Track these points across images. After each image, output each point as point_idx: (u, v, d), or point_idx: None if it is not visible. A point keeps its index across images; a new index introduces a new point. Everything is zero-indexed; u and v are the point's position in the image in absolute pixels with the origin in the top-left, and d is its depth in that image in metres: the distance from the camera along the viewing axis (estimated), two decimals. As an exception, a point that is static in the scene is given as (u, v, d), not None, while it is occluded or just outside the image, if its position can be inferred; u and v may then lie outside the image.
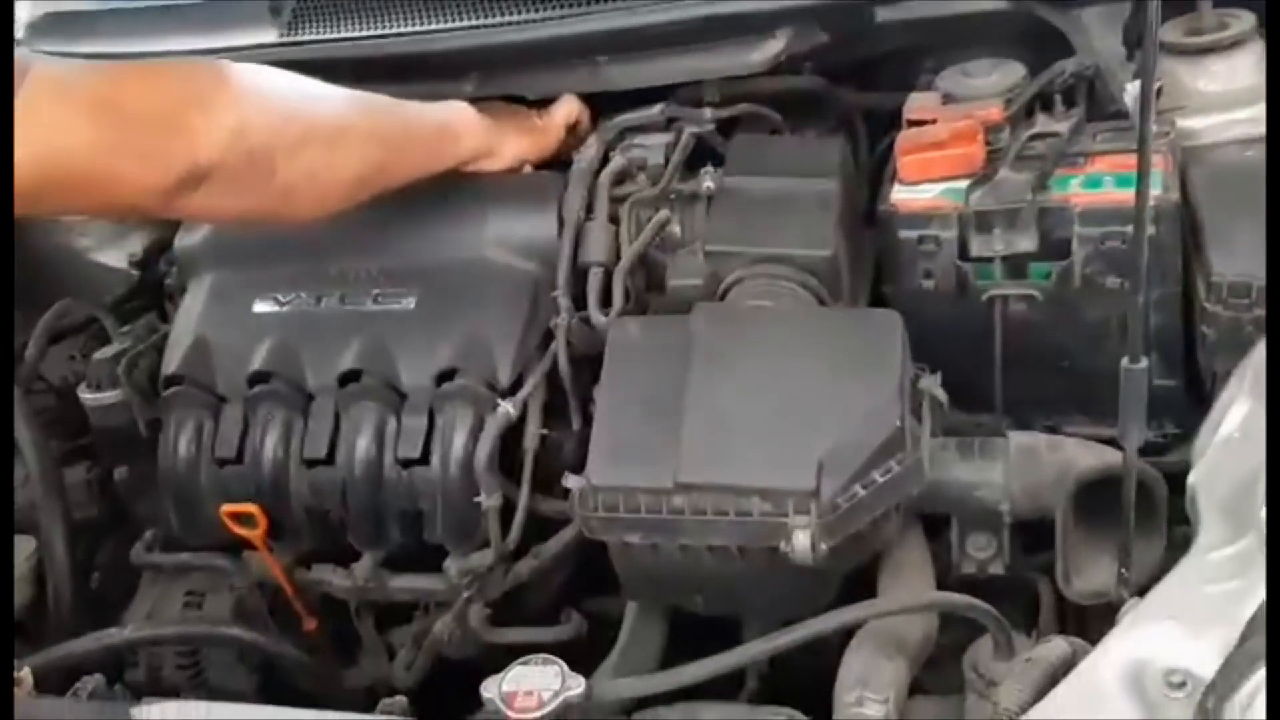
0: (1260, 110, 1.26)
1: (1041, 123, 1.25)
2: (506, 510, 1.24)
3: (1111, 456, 1.11)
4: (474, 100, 1.37)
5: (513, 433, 1.24)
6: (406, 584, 1.32)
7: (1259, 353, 1.07)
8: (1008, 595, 1.21)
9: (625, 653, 1.25)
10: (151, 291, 1.54)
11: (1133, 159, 1.16)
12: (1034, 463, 1.13)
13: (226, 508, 1.26)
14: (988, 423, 1.27)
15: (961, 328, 1.23)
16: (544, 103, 1.40)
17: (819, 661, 1.12)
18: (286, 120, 1.14)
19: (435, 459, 1.23)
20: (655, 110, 1.34)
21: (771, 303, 1.17)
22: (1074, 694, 0.90)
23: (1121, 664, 0.91)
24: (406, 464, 1.24)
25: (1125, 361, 0.91)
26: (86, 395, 1.38)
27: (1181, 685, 0.88)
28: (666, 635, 1.27)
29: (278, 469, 1.27)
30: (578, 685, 0.99)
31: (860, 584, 1.19)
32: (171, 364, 1.32)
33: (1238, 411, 1.04)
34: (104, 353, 1.39)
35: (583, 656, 1.29)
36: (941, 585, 1.20)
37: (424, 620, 1.36)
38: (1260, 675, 0.82)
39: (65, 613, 1.33)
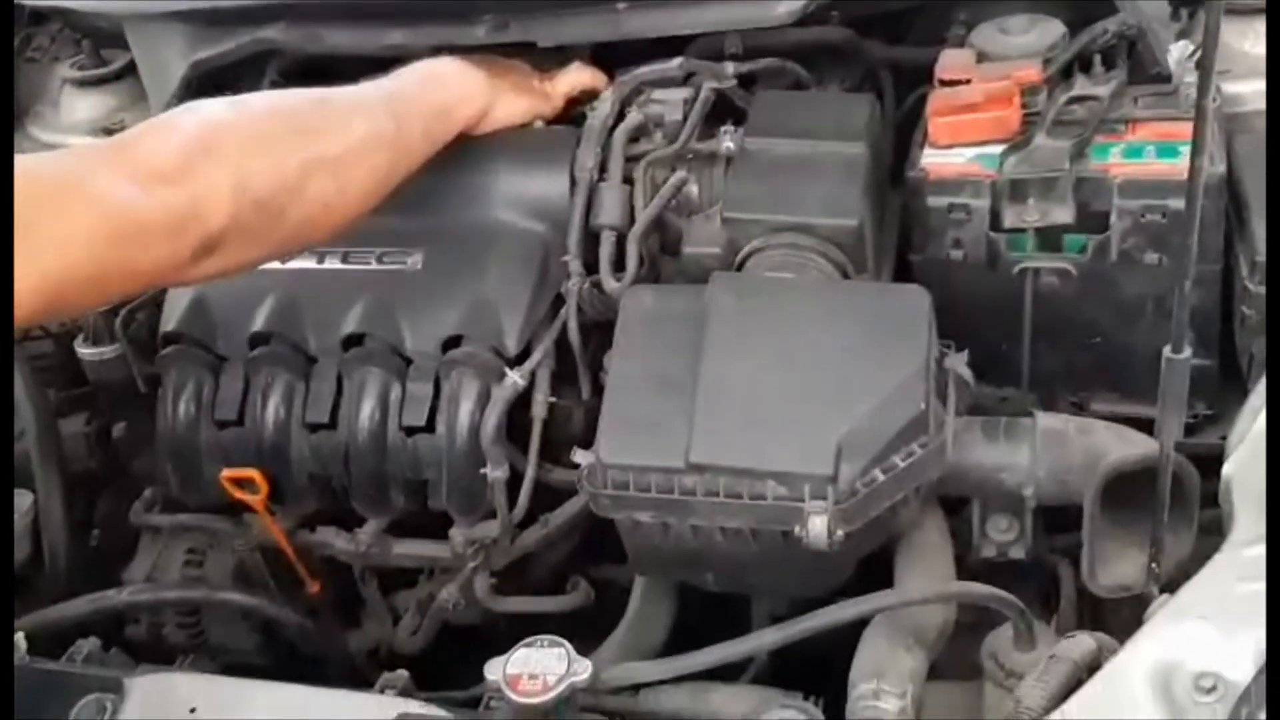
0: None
1: (1080, 85, 1.19)
2: (514, 479, 1.21)
3: (1143, 446, 1.07)
4: (484, 49, 1.31)
5: (521, 400, 1.20)
6: (411, 550, 1.29)
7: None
8: (1027, 577, 1.18)
9: (632, 628, 1.23)
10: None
11: (1176, 127, 1.12)
12: (1062, 447, 1.09)
13: (227, 473, 1.23)
14: (1013, 397, 1.23)
15: (990, 300, 1.18)
16: (558, 56, 1.33)
17: (829, 637, 1.09)
18: (284, 159, 1.06)
19: (441, 428, 1.19)
20: (674, 64, 1.27)
21: (792, 274, 1.12)
22: (1100, 696, 0.88)
23: (1150, 665, 0.88)
24: (411, 431, 1.20)
25: (1168, 350, 0.86)
26: (83, 350, 1.34)
27: (1212, 690, 0.85)
28: (675, 611, 1.24)
29: (279, 433, 1.24)
30: (583, 670, 0.96)
31: (877, 564, 1.16)
32: (170, 321, 1.28)
33: (1278, 399, 0.99)
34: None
35: (590, 624, 1.28)
36: (960, 565, 1.17)
37: (429, 585, 1.33)
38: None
39: (62, 570, 1.30)
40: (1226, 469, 0.99)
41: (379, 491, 1.24)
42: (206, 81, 1.36)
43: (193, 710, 0.97)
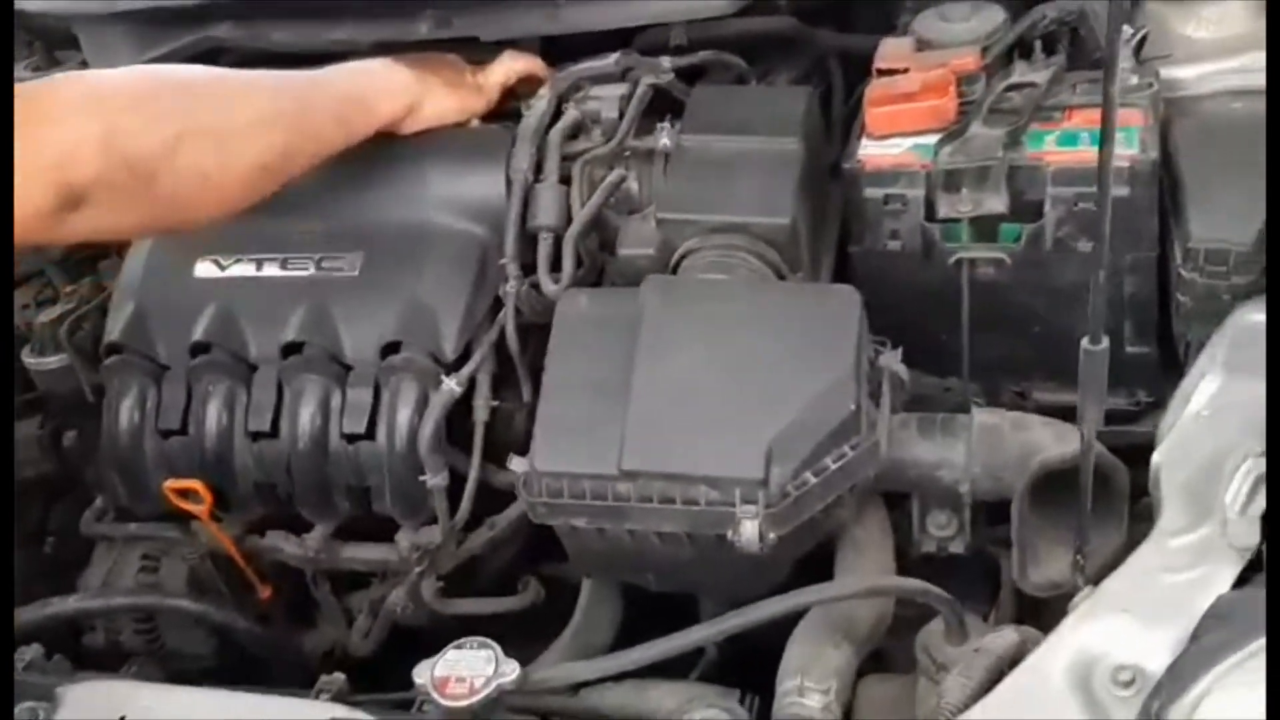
0: (1252, 59, 1.18)
1: (1020, 72, 1.18)
2: (457, 483, 1.21)
3: (1075, 442, 1.06)
4: (427, 44, 1.31)
5: (463, 403, 1.20)
6: (359, 554, 1.29)
7: (1233, 324, 1.02)
8: (970, 571, 1.17)
9: (579, 628, 1.23)
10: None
11: (1112, 113, 1.10)
12: (997, 443, 1.08)
13: (170, 483, 1.22)
14: (955, 387, 1.22)
15: (929, 290, 1.17)
16: (497, 50, 1.32)
17: (779, 632, 1.09)
18: (161, 120, 1.05)
19: (381, 434, 1.19)
20: (610, 60, 1.26)
21: (725, 276, 1.11)
22: (1018, 691, 0.88)
23: (1070, 659, 0.88)
24: (352, 439, 1.20)
25: (1085, 342, 0.85)
26: (29, 360, 1.35)
27: (1130, 683, 0.86)
28: (622, 610, 1.24)
29: (222, 441, 1.23)
30: (511, 671, 0.96)
31: (819, 561, 1.15)
32: (113, 331, 1.27)
33: (1208, 387, 0.99)
34: (48, 314, 1.35)
35: (545, 622, 1.28)
36: (903, 560, 1.16)
37: (381, 588, 1.33)
38: (1211, 676, 0.78)
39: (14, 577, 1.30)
40: (1155, 458, 0.98)
41: (323, 498, 1.24)
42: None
43: (122, 718, 0.97)
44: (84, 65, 1.49)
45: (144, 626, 1.34)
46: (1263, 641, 0.78)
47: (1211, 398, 0.99)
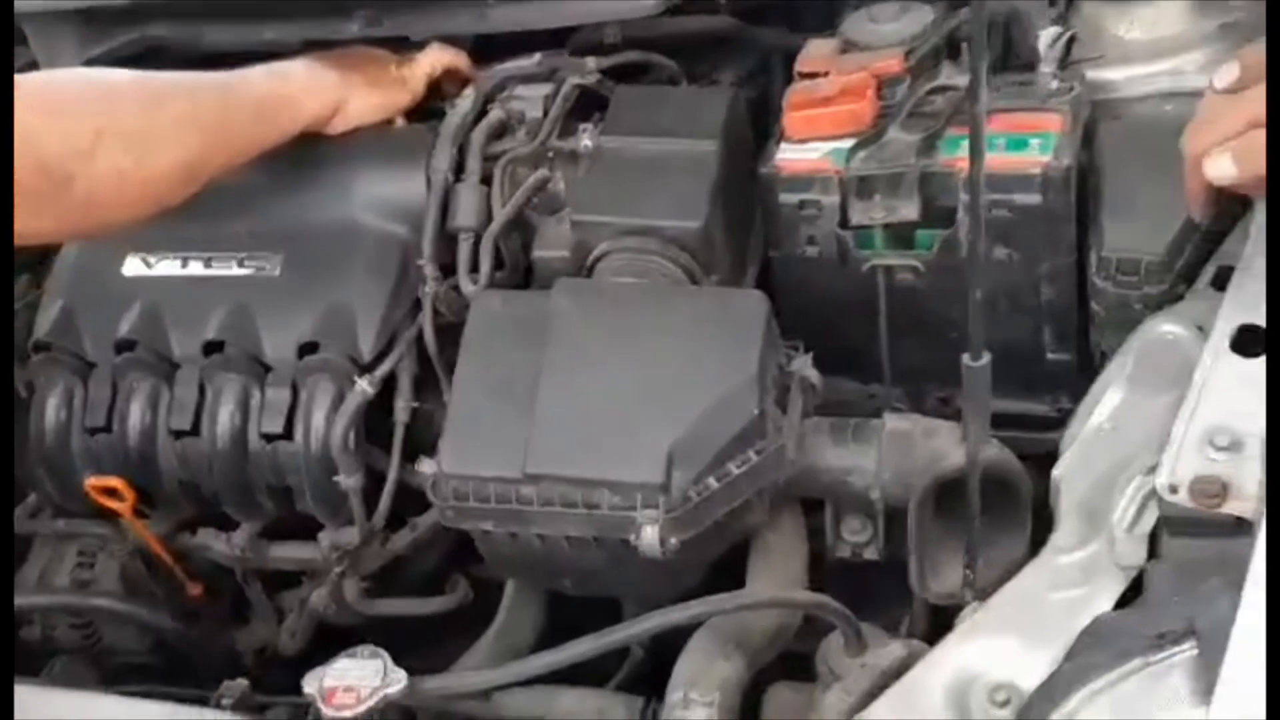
0: (1184, 61, 1.16)
1: (946, 74, 1.17)
2: (379, 483, 1.20)
3: (989, 450, 1.05)
4: (359, 42, 1.30)
5: (384, 404, 1.20)
6: (286, 553, 1.29)
7: (1141, 336, 1.00)
8: (888, 578, 1.16)
9: (500, 631, 1.23)
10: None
11: (1031, 118, 1.10)
12: (906, 449, 1.07)
13: (91, 481, 1.23)
14: (880, 393, 1.21)
15: (849, 296, 1.16)
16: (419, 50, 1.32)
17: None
18: (76, 123, 1.05)
19: (298, 435, 1.19)
20: (533, 60, 1.25)
21: (635, 279, 1.11)
22: (893, 707, 0.87)
23: (949, 676, 0.87)
24: (270, 438, 1.20)
25: (966, 358, 0.84)
26: (-38, 357, 1.35)
27: (1006, 703, 0.85)
28: (544, 613, 1.24)
29: (146, 439, 1.23)
30: (398, 682, 0.96)
31: (737, 564, 1.14)
32: (41, 328, 1.28)
33: (1111, 400, 0.98)
34: (-19, 312, 1.35)
35: (475, 623, 1.28)
36: (821, 565, 1.15)
37: (310, 586, 1.33)
38: (1078, 699, 0.77)
39: None
40: (1055, 472, 0.97)
41: (246, 497, 1.24)
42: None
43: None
44: (34, 63, 1.50)
45: (78, 622, 1.35)
46: (1135, 664, 0.77)
47: (1114, 411, 0.97)
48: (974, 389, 0.86)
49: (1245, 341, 0.89)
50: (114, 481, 1.22)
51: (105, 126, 1.07)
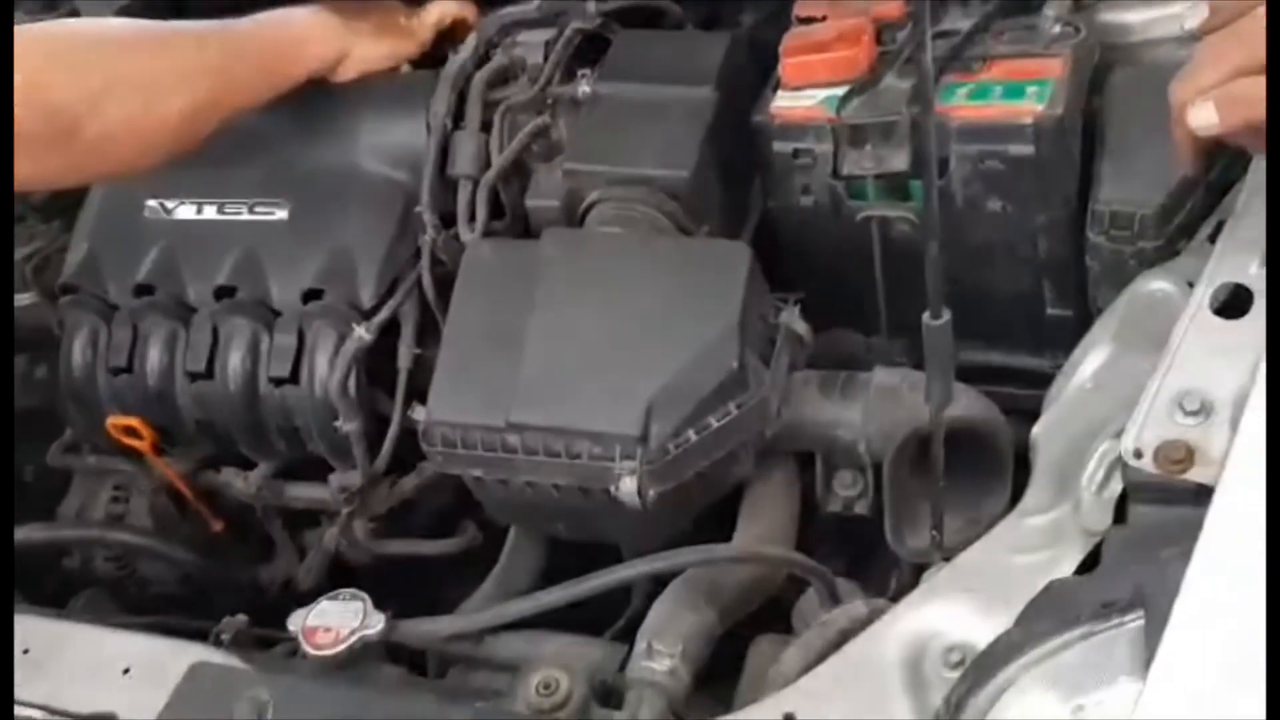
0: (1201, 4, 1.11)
1: (950, 19, 1.13)
2: (383, 428, 1.23)
3: (968, 404, 1.03)
4: None
5: (389, 349, 1.22)
6: (302, 493, 1.32)
7: (1131, 293, 0.97)
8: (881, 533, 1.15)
9: (500, 574, 1.24)
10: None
11: (1030, 64, 1.06)
12: (892, 403, 1.06)
13: (112, 420, 1.27)
14: (878, 344, 1.19)
15: (845, 247, 1.14)
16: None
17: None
18: (85, 71, 1.08)
19: (304, 379, 1.21)
20: (533, 5, 1.24)
21: (623, 229, 1.10)
22: (846, 665, 0.87)
23: (906, 637, 0.87)
24: (279, 382, 1.23)
25: (926, 317, 0.83)
26: (2, 297, 1.40)
27: (959, 664, 0.84)
28: (543, 557, 1.25)
29: (164, 380, 1.27)
30: (376, 624, 0.99)
31: (731, 514, 1.15)
32: (67, 271, 1.32)
33: (1094, 359, 0.96)
34: (19, 253, 1.40)
35: (487, 565, 1.30)
36: (814, 520, 1.15)
37: (328, 525, 1.37)
38: (1015, 667, 0.76)
39: None
40: (1034, 430, 0.95)
41: (259, 438, 1.27)
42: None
43: (26, 651, 1.02)
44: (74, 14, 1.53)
45: (111, 554, 1.41)
46: (1079, 632, 0.76)
47: (1096, 371, 0.95)
48: (936, 348, 0.84)
49: (1225, 303, 0.86)
50: (133, 420, 1.27)
51: (113, 74, 1.10)
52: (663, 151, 1.12)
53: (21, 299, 1.40)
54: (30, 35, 1.10)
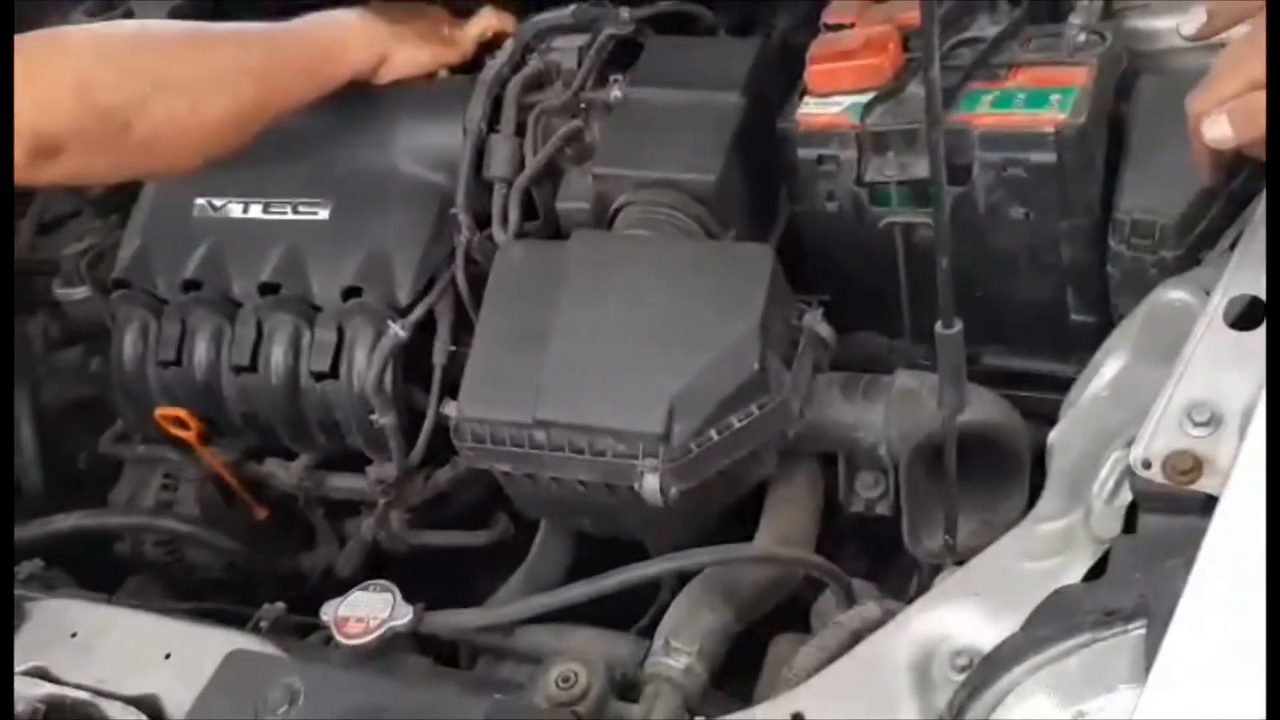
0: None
1: (978, 26, 1.14)
2: (418, 423, 1.26)
3: (987, 408, 1.05)
4: None
5: (426, 346, 1.25)
6: (341, 484, 1.36)
7: (1151, 302, 0.98)
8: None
9: (530, 567, 1.28)
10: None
11: (1056, 72, 1.07)
12: (913, 406, 1.08)
13: (160, 411, 1.32)
14: (901, 348, 1.21)
15: (869, 251, 1.16)
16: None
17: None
18: (133, 73, 1.12)
19: (343, 374, 1.25)
20: (567, 11, 1.27)
21: (649, 232, 1.12)
22: (856, 666, 0.88)
23: (916, 639, 0.88)
24: (319, 377, 1.27)
25: (939, 326, 0.84)
26: (59, 290, 1.45)
27: (966, 668, 0.85)
28: (571, 551, 1.28)
29: (210, 373, 1.32)
30: (405, 615, 1.02)
31: (756, 512, 1.17)
32: (119, 266, 1.37)
33: (1111, 367, 0.96)
34: (74, 248, 1.46)
35: (512, 557, 1.34)
36: (838, 520, 1.17)
37: (367, 515, 1.41)
38: (1018, 671, 0.78)
39: (39, 492, 1.42)
40: (1050, 438, 0.96)
41: (300, 430, 1.31)
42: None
43: (74, 635, 1.06)
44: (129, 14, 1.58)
45: (160, 540, 1.45)
46: (1082, 639, 0.77)
47: (1113, 379, 0.96)
48: (948, 357, 0.86)
49: (1239, 314, 0.87)
50: (180, 412, 1.32)
51: (160, 76, 1.14)
52: (690, 156, 1.14)
53: (76, 293, 1.45)
54: (82, 37, 1.15)
